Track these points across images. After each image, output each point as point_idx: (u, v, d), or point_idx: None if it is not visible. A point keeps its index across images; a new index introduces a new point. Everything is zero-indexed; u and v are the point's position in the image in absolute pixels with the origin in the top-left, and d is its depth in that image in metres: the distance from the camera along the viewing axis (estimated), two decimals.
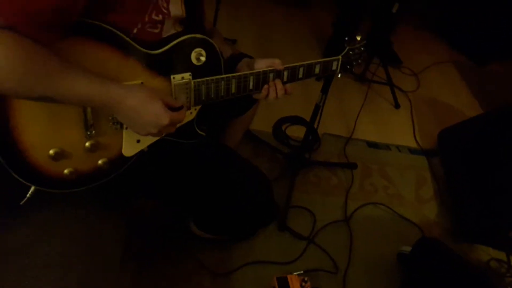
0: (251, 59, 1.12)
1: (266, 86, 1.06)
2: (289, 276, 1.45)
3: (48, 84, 0.72)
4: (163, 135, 0.92)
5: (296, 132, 2.06)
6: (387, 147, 2.15)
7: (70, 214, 0.98)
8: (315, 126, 1.71)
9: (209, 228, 1.37)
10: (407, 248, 1.61)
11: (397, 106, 2.41)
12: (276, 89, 1.07)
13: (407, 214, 1.83)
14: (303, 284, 1.45)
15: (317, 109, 1.63)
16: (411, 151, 2.17)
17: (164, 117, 0.84)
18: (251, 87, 1.04)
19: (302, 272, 1.50)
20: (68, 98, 0.75)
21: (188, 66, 0.93)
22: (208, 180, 1.17)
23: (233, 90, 1.02)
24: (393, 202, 1.87)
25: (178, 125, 0.93)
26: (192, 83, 0.94)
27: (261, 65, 1.06)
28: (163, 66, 0.90)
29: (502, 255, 1.73)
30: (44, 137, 0.82)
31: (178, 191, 1.17)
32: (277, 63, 1.06)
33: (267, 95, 1.07)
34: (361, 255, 1.64)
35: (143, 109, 0.82)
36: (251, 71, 1.03)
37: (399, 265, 1.62)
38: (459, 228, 1.82)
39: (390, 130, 2.27)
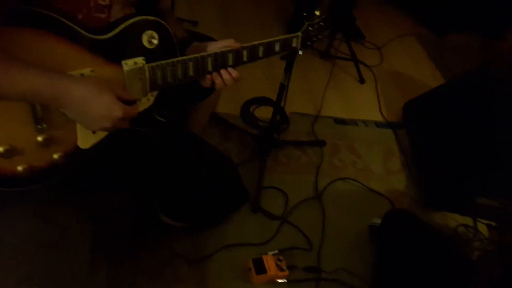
0: (201, 44, 1.07)
1: (208, 76, 1.03)
2: (264, 257, 1.46)
3: None
4: (116, 129, 0.87)
5: (264, 113, 2.04)
6: (354, 122, 2.18)
7: (31, 212, 0.93)
8: (282, 105, 1.70)
9: (179, 216, 1.35)
10: (378, 220, 1.64)
11: (361, 81, 2.43)
12: (223, 77, 1.03)
13: (377, 187, 1.87)
14: (279, 263, 1.46)
15: (283, 89, 1.61)
16: (378, 125, 2.20)
17: (116, 110, 0.79)
18: (209, 68, 1.01)
19: (277, 251, 1.51)
20: (10, 95, 0.70)
21: (140, 50, 0.89)
22: (173, 168, 1.14)
23: (191, 73, 0.98)
24: (363, 176, 1.90)
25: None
26: (146, 67, 0.90)
27: (214, 48, 1.02)
28: (113, 52, 0.85)
29: (468, 221, 1.79)
30: None
31: (143, 181, 1.14)
32: (232, 43, 1.02)
33: (213, 84, 1.04)
34: (334, 230, 1.66)
35: (92, 101, 0.77)
36: (209, 53, 0.99)
37: (371, 237, 1.66)
38: (426, 197, 1.87)
39: (356, 105, 2.29)
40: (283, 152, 1.91)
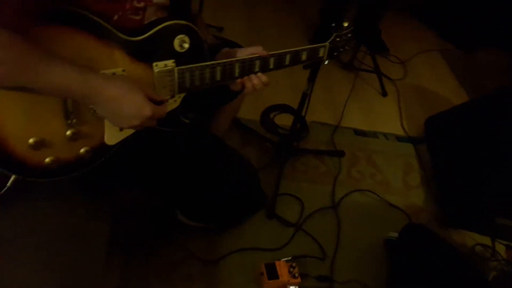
0: (231, 50, 1.10)
1: (239, 80, 1.05)
2: (277, 262, 1.46)
3: (26, 75, 0.70)
4: (144, 127, 0.89)
5: (284, 120, 2.06)
6: (374, 134, 2.17)
7: (53, 204, 0.97)
8: (303, 114, 1.71)
9: (197, 216, 1.37)
10: (394, 234, 1.63)
11: (384, 94, 2.42)
12: (252, 82, 1.06)
13: (394, 201, 1.85)
14: (291, 270, 1.46)
15: (305, 97, 1.62)
16: (398, 138, 2.19)
17: (146, 109, 0.82)
18: (236, 74, 1.03)
19: (290, 258, 1.51)
20: (46, 90, 0.73)
21: (171, 53, 0.92)
22: (194, 168, 1.16)
23: (218, 78, 1.01)
24: (380, 189, 1.89)
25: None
26: (176, 70, 0.93)
27: (244, 54, 1.04)
28: (145, 53, 0.88)
29: (487, 240, 1.76)
30: (23, 126, 0.80)
31: (163, 180, 1.17)
32: (260, 50, 1.05)
33: (243, 88, 1.06)
34: (349, 241, 1.65)
35: (124, 100, 0.80)
36: (237, 58, 1.02)
37: (386, 251, 1.64)
38: (445, 214, 1.85)
39: (377, 118, 2.28)
40: (302, 160, 1.92)
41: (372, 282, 1.54)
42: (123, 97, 0.80)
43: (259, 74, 1.06)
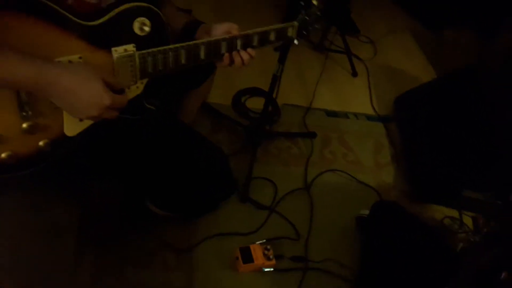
0: (208, 25, 1.07)
1: (227, 54, 1.02)
2: (251, 246, 1.47)
3: None
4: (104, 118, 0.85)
5: (256, 104, 2.04)
6: (345, 115, 2.19)
7: (16, 200, 0.93)
8: (274, 97, 1.70)
9: (167, 205, 1.35)
10: (365, 212, 1.66)
11: (354, 74, 2.43)
12: (241, 58, 1.04)
13: (366, 179, 1.88)
14: (266, 252, 1.47)
15: (275, 79, 1.61)
16: (369, 118, 2.22)
17: (105, 98, 0.78)
18: (202, 57, 1.01)
19: (264, 241, 1.53)
20: None
21: (131, 37, 0.88)
22: (161, 156, 1.14)
23: (182, 61, 0.98)
24: (352, 169, 1.92)
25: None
26: (137, 55, 0.90)
27: (219, 30, 1.02)
28: (103, 39, 0.85)
29: (454, 213, 1.82)
30: None
31: (131, 169, 1.14)
32: (235, 28, 1.02)
33: (231, 63, 1.04)
34: (322, 221, 1.68)
35: (80, 89, 0.76)
36: (202, 40, 0.99)
37: (358, 229, 1.68)
38: (414, 190, 1.89)
39: (348, 98, 2.30)
40: (274, 143, 1.92)
41: (347, 260, 1.57)
42: (79, 87, 0.76)
43: (249, 49, 1.06)
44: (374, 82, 2.43)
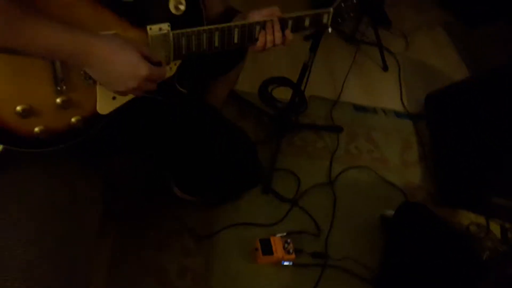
0: (246, 14, 1.03)
1: (262, 32, 0.97)
2: (272, 238, 1.45)
3: (8, 33, 0.64)
4: (143, 92, 0.83)
5: (283, 94, 2.00)
6: (373, 110, 2.12)
7: (43, 173, 0.92)
8: (302, 87, 1.65)
9: (192, 190, 1.33)
10: (390, 212, 1.62)
11: (385, 68, 2.36)
12: (273, 35, 0.98)
13: (391, 178, 1.83)
14: (286, 245, 1.45)
15: (305, 69, 1.57)
16: (397, 115, 2.15)
17: (142, 68, 0.75)
18: (236, 40, 0.97)
19: (285, 234, 1.50)
20: (31, 49, 0.67)
21: (166, 16, 0.85)
22: (190, 140, 1.11)
23: (216, 44, 0.94)
24: (378, 166, 1.86)
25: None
26: (171, 34, 0.87)
27: (257, 16, 0.98)
28: (138, 15, 0.82)
29: (482, 220, 1.75)
30: (10, 92, 0.75)
31: (159, 151, 1.12)
32: (275, 11, 0.97)
33: (264, 44, 0.99)
34: (344, 218, 1.64)
35: (117, 58, 0.73)
36: (236, 23, 0.95)
37: (382, 229, 1.63)
38: (441, 193, 1.84)
39: (377, 92, 2.23)
40: (299, 135, 1.88)
41: (367, 259, 1.53)
42: (116, 56, 0.73)
43: (287, 32, 1.00)
44: (405, 77, 2.36)
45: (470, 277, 1.40)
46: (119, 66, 0.74)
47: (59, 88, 0.79)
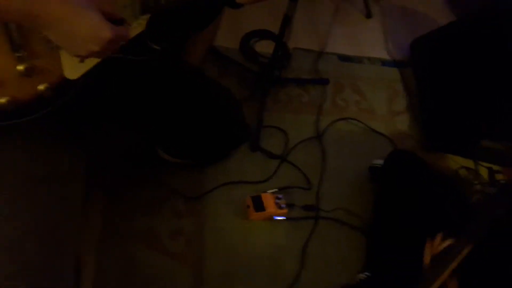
0: None
1: None
2: (263, 194, 1.45)
3: None
4: (107, 55, 0.76)
5: (266, 47, 1.93)
6: (359, 60, 2.08)
7: (22, 147, 0.88)
8: (284, 40, 1.59)
9: (178, 152, 1.30)
10: (379, 161, 1.62)
11: (368, 15, 2.29)
12: None
13: (379, 128, 1.82)
14: (277, 201, 1.45)
15: (287, 20, 1.50)
16: (383, 63, 2.11)
17: (104, 30, 0.68)
18: None
19: (276, 190, 1.50)
20: None
21: None
22: (171, 100, 1.07)
23: None
24: (365, 117, 1.85)
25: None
26: None
27: None
28: None
29: (470, 163, 1.77)
30: None
31: (140, 115, 1.08)
32: None
33: None
34: (334, 170, 1.64)
35: (75, 20, 0.66)
36: None
37: (372, 178, 1.64)
38: (430, 139, 1.83)
39: (362, 41, 2.17)
40: (284, 90, 1.84)
41: (358, 209, 1.55)
42: (74, 16, 0.66)
43: None
44: (389, 24, 2.29)
45: (460, 219, 1.42)
46: (78, 28, 0.67)
47: (19, 55, 0.72)
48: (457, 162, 1.77)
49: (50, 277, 0.83)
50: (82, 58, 0.77)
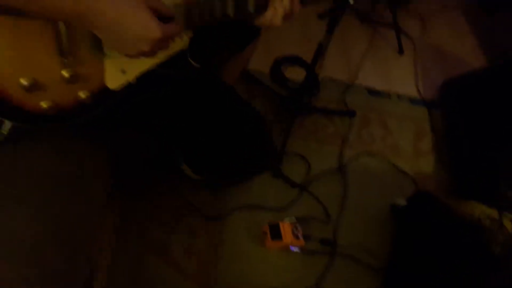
0: None
1: (272, 10, 0.89)
2: (281, 223, 1.41)
3: None
4: (157, 52, 0.75)
5: (295, 74, 1.93)
6: (388, 95, 2.06)
7: (51, 148, 0.88)
8: (316, 68, 1.59)
9: (201, 168, 1.28)
10: (401, 200, 1.58)
11: (401, 51, 2.28)
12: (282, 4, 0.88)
13: (403, 166, 1.78)
14: (295, 231, 1.41)
15: (321, 49, 1.50)
16: (412, 101, 2.08)
17: (154, 30, 0.67)
18: (250, 9, 0.89)
19: (293, 218, 1.46)
20: (34, 9, 0.60)
21: None
22: (202, 117, 1.06)
23: (229, 12, 0.87)
24: (390, 153, 1.81)
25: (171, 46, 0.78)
26: (183, 2, 0.80)
27: None
28: None
29: (494, 213, 1.71)
30: (13, 64, 0.70)
31: (169, 127, 1.07)
32: None
33: (272, 15, 0.90)
34: (354, 204, 1.60)
35: (125, 20, 0.65)
36: None
37: (392, 217, 1.60)
38: (454, 183, 1.79)
39: (392, 77, 2.16)
40: (310, 118, 1.82)
41: (376, 248, 1.50)
42: (125, 17, 0.65)
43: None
44: (421, 62, 2.27)
45: (481, 270, 1.37)
46: (128, 29, 0.66)
47: (65, 61, 0.73)
48: (481, 210, 1.71)
49: (66, 281, 0.82)
50: (131, 57, 0.75)
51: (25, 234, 0.79)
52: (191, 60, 0.91)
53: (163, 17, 0.71)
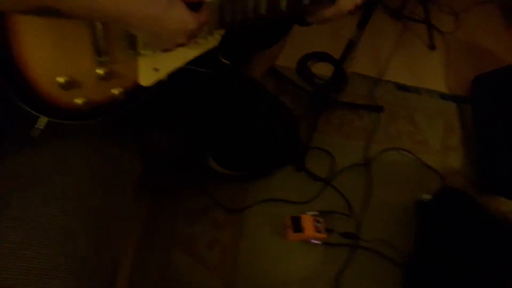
0: None
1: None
2: (303, 216, 1.44)
3: None
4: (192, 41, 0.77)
5: (322, 69, 1.94)
6: (417, 90, 2.03)
7: (85, 145, 0.94)
8: (344, 64, 1.60)
9: (229, 163, 1.33)
10: (427, 196, 1.57)
11: (432, 47, 2.24)
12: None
13: (431, 162, 1.76)
14: (317, 224, 1.44)
15: (350, 46, 1.51)
16: (442, 96, 2.05)
17: (190, 22, 0.70)
18: (283, 7, 0.92)
19: (316, 212, 1.49)
20: (74, 7, 0.62)
21: None
22: (231, 113, 1.10)
23: (262, 11, 0.90)
24: (418, 149, 1.80)
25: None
26: (216, 1, 0.83)
27: None
28: None
29: None
30: (50, 62, 0.74)
31: (199, 123, 1.12)
32: None
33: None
34: (378, 200, 1.61)
35: (163, 17, 0.68)
36: None
37: (417, 213, 1.59)
38: (483, 180, 1.76)
39: (422, 72, 2.13)
40: (337, 113, 1.84)
41: (399, 243, 1.51)
42: (164, 14, 0.68)
43: None
44: (453, 57, 2.23)
45: (509, 268, 1.35)
46: (165, 25, 0.69)
47: (101, 60, 0.78)
48: (508, 207, 1.68)
49: (92, 272, 0.86)
50: (165, 51, 0.79)
51: (60, 222, 0.85)
52: (221, 57, 0.95)
53: (192, 4, 0.73)
